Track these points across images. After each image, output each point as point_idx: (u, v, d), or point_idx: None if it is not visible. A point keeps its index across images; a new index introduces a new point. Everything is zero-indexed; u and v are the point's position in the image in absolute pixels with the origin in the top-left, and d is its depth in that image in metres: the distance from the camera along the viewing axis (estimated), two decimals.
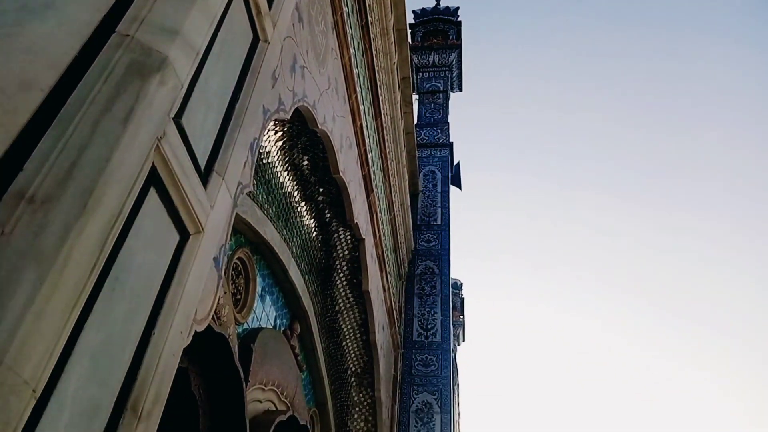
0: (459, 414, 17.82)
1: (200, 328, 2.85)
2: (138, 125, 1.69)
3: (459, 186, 13.06)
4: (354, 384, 7.86)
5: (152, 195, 1.79)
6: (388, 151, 8.17)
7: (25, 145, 1.51)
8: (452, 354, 10.72)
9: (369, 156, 7.07)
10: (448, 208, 11.66)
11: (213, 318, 4.44)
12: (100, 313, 1.51)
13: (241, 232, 5.37)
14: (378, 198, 7.84)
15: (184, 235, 1.98)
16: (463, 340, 18.33)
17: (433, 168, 12.06)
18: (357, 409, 7.81)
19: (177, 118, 1.93)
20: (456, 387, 15.02)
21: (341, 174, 6.12)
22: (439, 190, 11.78)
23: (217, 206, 2.23)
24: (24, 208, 1.40)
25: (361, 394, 7.90)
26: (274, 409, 5.53)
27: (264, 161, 5.41)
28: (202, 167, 2.11)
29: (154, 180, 1.79)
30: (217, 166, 2.25)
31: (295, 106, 4.49)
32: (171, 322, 1.84)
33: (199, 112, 2.11)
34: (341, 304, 7.62)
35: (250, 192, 5.22)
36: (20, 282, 1.29)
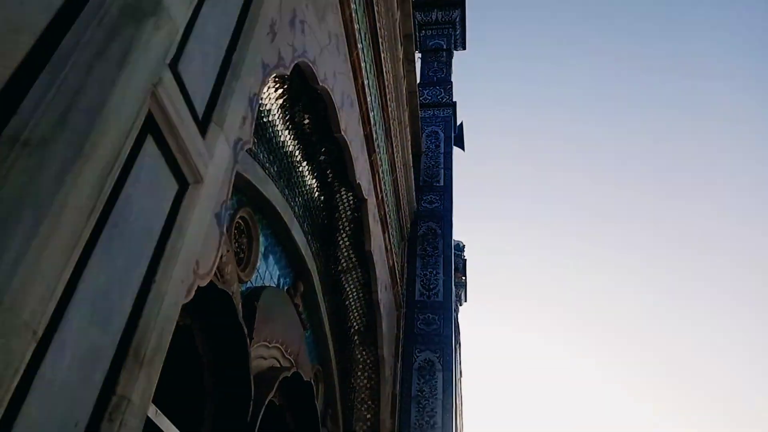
0: (461, 373, 18.13)
1: (203, 283, 2.86)
2: (133, 70, 1.65)
3: (462, 147, 12.97)
4: (357, 342, 7.96)
5: (149, 142, 1.77)
6: (390, 110, 8.08)
7: (18, 88, 1.48)
8: (454, 314, 10.82)
9: (371, 115, 6.99)
10: (451, 169, 11.59)
11: (216, 276, 4.46)
12: (100, 258, 1.51)
13: (243, 191, 5.36)
14: (380, 158, 7.79)
15: (183, 185, 1.96)
16: (465, 301, 18.51)
17: (436, 128, 11.95)
18: (360, 366, 7.93)
19: (173, 65, 1.89)
20: (458, 346, 15.23)
21: (343, 133, 6.07)
22: (442, 150, 11.69)
23: (216, 157, 2.21)
24: (19, 152, 1.38)
25: (364, 352, 8.01)
26: (278, 365, 5.61)
27: (264, 119, 5.36)
28: (200, 116, 2.08)
29: (151, 127, 1.77)
30: (215, 117, 2.21)
31: (295, 61, 4.42)
32: (171, 271, 1.83)
33: (196, 59, 2.06)
34: (344, 264, 7.66)
35: (251, 150, 5.20)
36: (17, 224, 1.28)
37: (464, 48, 14.26)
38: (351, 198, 7.20)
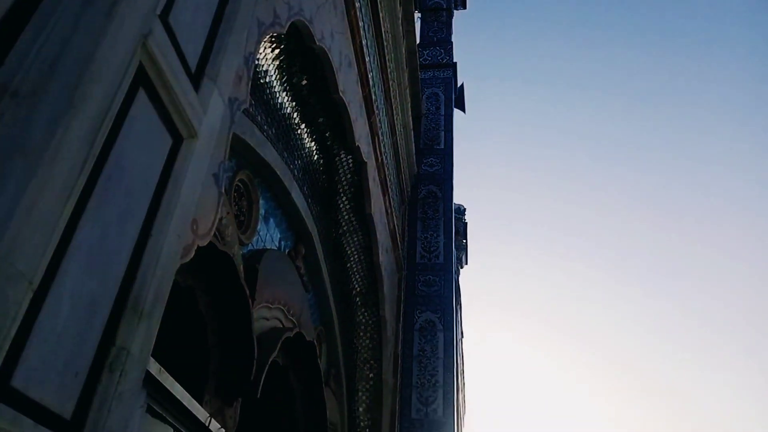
0: (462, 333, 18.36)
1: (202, 243, 2.87)
2: (122, 20, 1.62)
3: (463, 109, 12.84)
4: (359, 304, 8.04)
5: (141, 95, 1.75)
6: (389, 71, 7.97)
7: (4, 39, 1.45)
8: (455, 276, 10.89)
9: (369, 76, 6.90)
10: (452, 131, 11.50)
11: (217, 237, 4.47)
12: (95, 211, 1.50)
13: (242, 153, 5.33)
14: (379, 120, 7.72)
15: (177, 139, 1.94)
16: (466, 264, 18.61)
17: (436, 90, 11.80)
18: (362, 327, 8.02)
19: (163, 17, 1.86)
20: (458, 308, 15.38)
21: (341, 94, 6.00)
22: (443, 112, 11.57)
23: (210, 113, 2.19)
24: (8, 103, 1.36)
25: (366, 314, 8.09)
26: (280, 326, 5.67)
27: (261, 81, 5.29)
28: (193, 70, 2.05)
29: (142, 80, 1.74)
30: (209, 71, 2.18)
31: (291, 20, 4.34)
32: (168, 225, 1.83)
33: (187, 11, 2.02)
34: (345, 227, 7.67)
35: (248, 112, 5.15)
36: (9, 175, 1.27)
37: (464, 7, 13.99)
38: (350, 160, 7.16)
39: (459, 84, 12.69)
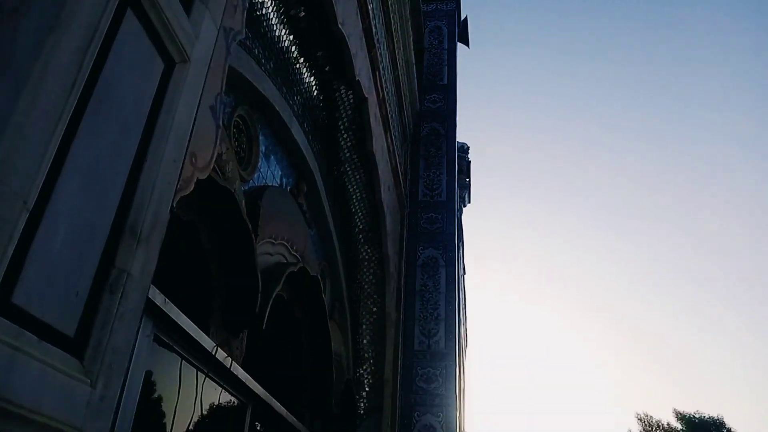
0: (464, 270, 18.61)
1: (202, 176, 2.87)
2: None
3: (466, 43, 12.53)
4: (362, 241, 8.11)
5: (130, 16, 1.70)
6: (390, 2, 7.73)
7: None
8: (457, 214, 10.93)
9: (369, 7, 6.71)
10: (455, 66, 11.25)
11: (217, 173, 4.46)
12: (87, 133, 1.49)
13: (240, 87, 5.24)
14: (380, 54, 7.55)
15: (169, 63, 1.90)
16: (469, 202, 18.63)
17: (439, 23, 11.46)
18: (365, 264, 8.12)
19: None
20: (461, 245, 15.52)
21: (340, 26, 5.85)
22: (446, 47, 11.28)
23: (202, 38, 2.13)
24: None
25: (369, 251, 8.18)
26: (284, 261, 5.74)
27: (258, 13, 5.15)
28: None
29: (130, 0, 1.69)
30: None
31: None
32: (163, 150, 1.82)
33: None
34: (346, 165, 7.64)
35: (245, 45, 5.04)
36: None
37: None
38: (351, 96, 7.06)
39: (463, 17, 12.32)
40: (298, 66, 6.24)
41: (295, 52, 6.08)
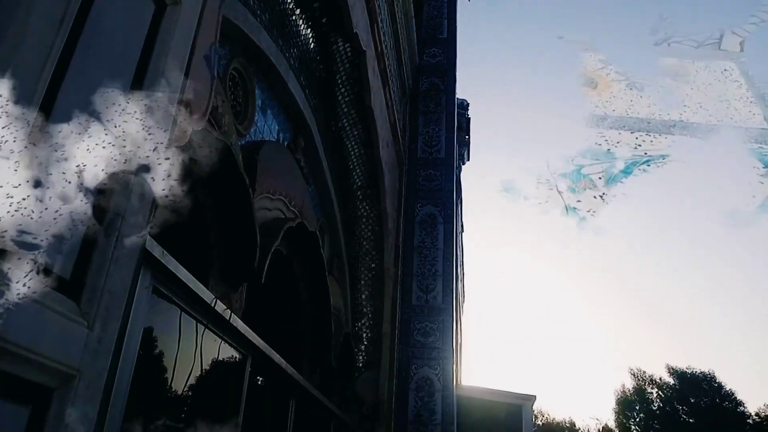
0: (462, 227, 18.68)
1: (196, 127, 2.83)
2: None
3: None
4: (360, 198, 8.09)
5: None
6: None
7: None
8: (456, 171, 10.89)
9: None
10: (455, 19, 11.02)
11: (213, 126, 4.41)
12: (78, 72, 1.46)
13: (235, 39, 5.14)
14: (378, 6, 7.38)
15: (160, 5, 1.85)
16: (468, 160, 18.54)
17: None
18: (364, 220, 8.13)
19: None
20: (459, 202, 15.53)
21: None
22: None
23: None
24: None
25: (367, 207, 8.17)
26: (282, 216, 5.73)
27: None
28: None
29: None
30: None
31: None
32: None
33: None
34: (344, 120, 7.56)
35: None
36: None
37: None
38: (348, 49, 6.93)
39: None
40: (294, 18, 6.10)
41: (291, 3, 5.94)
